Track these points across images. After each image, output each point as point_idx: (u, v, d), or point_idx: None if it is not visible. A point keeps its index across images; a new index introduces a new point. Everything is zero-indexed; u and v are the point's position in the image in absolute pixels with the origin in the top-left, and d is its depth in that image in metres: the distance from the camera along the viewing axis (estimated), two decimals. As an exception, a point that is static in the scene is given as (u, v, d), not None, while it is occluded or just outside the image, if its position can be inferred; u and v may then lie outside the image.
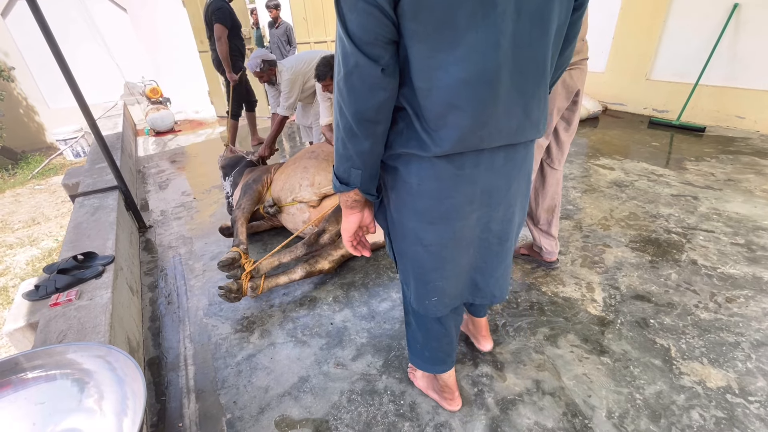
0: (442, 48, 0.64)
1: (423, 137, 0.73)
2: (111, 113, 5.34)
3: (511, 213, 0.91)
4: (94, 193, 2.49)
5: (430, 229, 0.86)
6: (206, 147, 4.81)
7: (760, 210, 2.33)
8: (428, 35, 0.63)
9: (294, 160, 2.40)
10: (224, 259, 1.82)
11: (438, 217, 0.84)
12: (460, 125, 0.70)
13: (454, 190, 0.80)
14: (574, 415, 1.25)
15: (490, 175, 0.81)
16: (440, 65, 0.65)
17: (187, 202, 3.11)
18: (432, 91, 0.68)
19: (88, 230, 2.02)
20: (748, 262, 1.89)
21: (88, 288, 1.54)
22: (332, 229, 1.95)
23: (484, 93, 0.68)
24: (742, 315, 1.58)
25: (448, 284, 0.95)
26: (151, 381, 1.51)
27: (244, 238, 2.04)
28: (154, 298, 2.00)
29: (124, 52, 6.03)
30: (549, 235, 1.84)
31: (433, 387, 1.31)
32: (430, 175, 0.78)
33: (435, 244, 0.88)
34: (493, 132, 0.74)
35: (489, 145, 0.76)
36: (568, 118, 1.52)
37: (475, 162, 0.77)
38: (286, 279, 1.89)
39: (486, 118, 0.71)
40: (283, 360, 1.54)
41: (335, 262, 1.97)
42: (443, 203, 0.82)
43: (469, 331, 1.52)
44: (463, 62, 0.65)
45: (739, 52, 3.63)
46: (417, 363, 1.22)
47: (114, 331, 1.34)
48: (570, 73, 1.40)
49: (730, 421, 1.19)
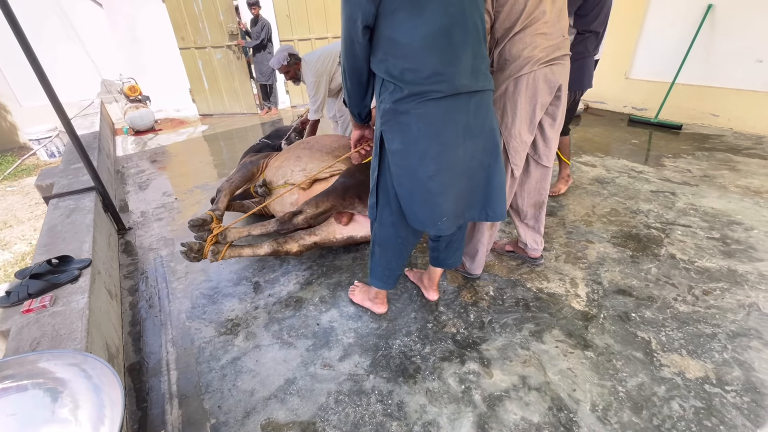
0: (414, 14, 1.00)
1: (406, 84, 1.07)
2: (87, 111, 5.16)
3: (492, 144, 1.21)
4: (69, 195, 2.40)
5: (431, 163, 1.14)
6: (188, 146, 4.70)
7: (734, 205, 2.41)
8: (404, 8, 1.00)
9: (289, 149, 2.41)
10: (195, 218, 1.80)
11: (436, 152, 1.13)
12: (433, 60, 1.04)
13: (443, 129, 1.11)
14: (559, 409, 1.26)
15: (466, 116, 1.12)
16: (414, 25, 1.01)
17: (168, 203, 3.04)
18: (412, 43, 1.02)
19: (63, 233, 1.95)
20: (723, 256, 1.95)
21: (63, 293, 1.48)
22: (309, 212, 1.91)
23: (444, 40, 1.03)
24: (718, 307, 1.63)
25: (452, 206, 1.23)
26: (131, 387, 1.47)
27: (223, 206, 2.06)
28: (134, 301, 1.95)
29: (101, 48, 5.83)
30: (535, 231, 1.85)
31: (368, 297, 1.72)
32: (424, 121, 1.09)
33: (438, 173, 1.15)
34: (455, 71, 1.06)
35: (458, 88, 1.07)
36: (552, 114, 1.53)
37: (454, 107, 1.09)
38: (251, 252, 1.87)
39: (449, 57, 1.04)
40: (268, 362, 1.52)
41: (305, 247, 1.95)
42: (437, 140, 1.11)
43: (422, 283, 1.80)
44: (427, 22, 1.01)
45: (713, 51, 3.75)
46: (378, 284, 1.56)
47: (91, 337, 1.29)
48: (551, 68, 1.40)
49: (708, 410, 1.23)
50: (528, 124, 1.47)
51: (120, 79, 5.73)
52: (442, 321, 1.66)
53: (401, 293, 1.84)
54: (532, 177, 1.70)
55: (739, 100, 3.68)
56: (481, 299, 1.77)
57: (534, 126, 1.49)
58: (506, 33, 1.36)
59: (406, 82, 1.07)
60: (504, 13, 1.33)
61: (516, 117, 1.45)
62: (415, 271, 1.90)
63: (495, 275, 1.92)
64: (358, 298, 1.78)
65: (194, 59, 5.93)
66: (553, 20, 1.37)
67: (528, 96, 1.42)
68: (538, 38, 1.35)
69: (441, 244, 1.54)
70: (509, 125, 1.47)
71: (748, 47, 3.51)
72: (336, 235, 2.05)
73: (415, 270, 1.92)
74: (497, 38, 1.40)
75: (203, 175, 3.59)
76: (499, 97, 1.45)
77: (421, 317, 1.68)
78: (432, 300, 1.76)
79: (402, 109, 1.10)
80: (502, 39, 1.38)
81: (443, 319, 1.67)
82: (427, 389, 1.36)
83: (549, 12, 1.34)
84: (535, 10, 1.32)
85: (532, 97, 1.42)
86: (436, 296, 1.76)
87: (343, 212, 2.03)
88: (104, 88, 5.86)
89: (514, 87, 1.41)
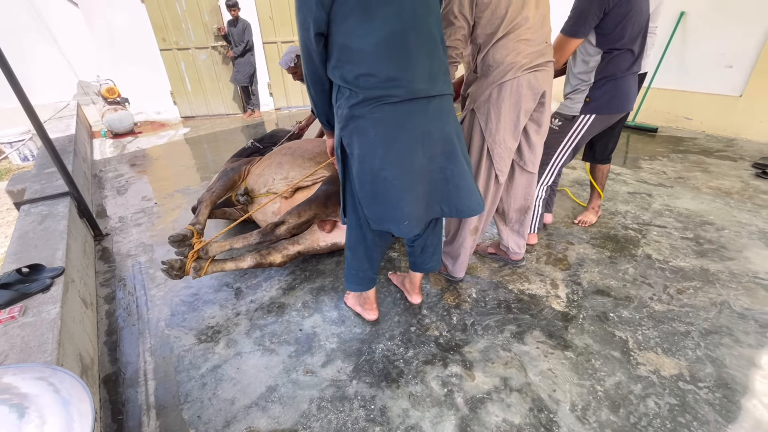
0: (365, 20, 1.00)
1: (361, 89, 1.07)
2: (63, 114, 5.01)
3: (451, 147, 1.21)
4: (42, 200, 2.33)
5: (390, 167, 1.15)
6: (169, 149, 4.61)
7: (706, 206, 2.49)
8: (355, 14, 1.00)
9: (271, 155, 2.38)
10: (175, 234, 1.77)
11: (394, 156, 1.14)
12: (387, 65, 1.04)
13: (400, 133, 1.12)
14: (540, 410, 1.28)
15: (424, 121, 1.13)
16: (366, 31, 1.01)
17: (147, 208, 2.97)
18: (364, 48, 1.02)
19: (34, 240, 1.88)
20: (696, 255, 2.01)
21: (33, 303, 1.43)
22: (292, 222, 1.90)
23: (398, 45, 1.04)
24: (691, 305, 1.68)
25: (413, 209, 1.24)
26: (106, 399, 1.42)
27: (204, 219, 2.01)
28: (111, 310, 1.89)
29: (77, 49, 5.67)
30: (518, 235, 1.87)
31: (359, 302, 1.71)
32: (381, 126, 1.10)
33: (397, 177, 1.17)
34: (411, 76, 1.07)
35: (415, 92, 1.08)
36: (537, 120, 1.54)
37: (411, 112, 1.10)
38: (233, 266, 1.85)
39: (404, 62, 1.05)
40: (250, 370, 1.50)
41: (288, 257, 1.94)
42: (395, 145, 1.13)
43: (404, 287, 1.81)
44: (378, 29, 1.01)
45: (686, 57, 3.88)
46: (352, 287, 1.58)
47: (63, 348, 1.25)
48: (535, 74, 1.41)
49: (682, 407, 1.26)
50: (512, 130, 1.48)
51: (97, 81, 5.59)
52: (425, 324, 1.66)
53: (385, 297, 1.84)
54: (518, 183, 1.72)
55: (711, 104, 3.82)
56: (463, 302, 1.78)
57: (518, 132, 1.50)
58: (489, 39, 1.37)
59: (361, 88, 1.07)
60: (485, 19, 1.34)
61: (500, 123, 1.45)
62: (399, 274, 1.91)
63: (477, 277, 1.94)
64: (351, 302, 1.78)
65: (176, 60, 5.84)
66: (536, 26, 1.38)
67: (512, 102, 1.43)
68: (521, 44, 1.36)
69: (416, 249, 1.55)
70: (493, 131, 1.47)
71: (719, 53, 3.65)
72: (320, 242, 2.04)
73: (398, 273, 1.92)
74: (479, 44, 1.41)
75: (184, 179, 3.52)
76: (483, 103, 1.46)
77: (405, 321, 1.68)
78: (415, 303, 1.77)
79: (358, 113, 1.11)
80: (485, 45, 1.39)
81: (426, 322, 1.67)
82: (410, 393, 1.36)
83: (532, 18, 1.35)
84: (518, 16, 1.33)
85: (516, 103, 1.43)
86: (419, 299, 1.77)
87: (326, 220, 2.02)
88: (81, 89, 5.71)
89: (498, 93, 1.42)
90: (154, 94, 6.12)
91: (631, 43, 1.64)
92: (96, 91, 5.55)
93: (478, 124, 1.50)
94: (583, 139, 1.83)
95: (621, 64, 1.68)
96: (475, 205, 1.33)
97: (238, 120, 5.92)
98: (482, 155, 1.54)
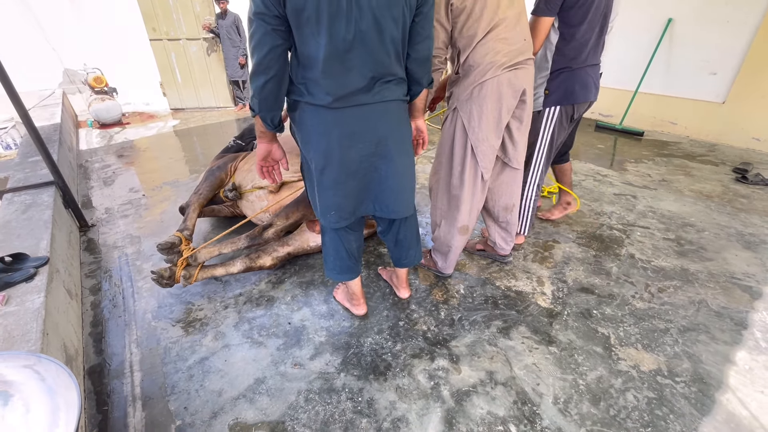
0: (313, 34, 1.02)
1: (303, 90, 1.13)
2: (48, 102, 4.89)
3: (385, 150, 1.24)
4: (25, 189, 2.28)
5: (322, 158, 1.21)
6: (158, 141, 4.54)
7: (688, 208, 2.56)
8: (304, 26, 1.01)
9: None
10: (163, 242, 1.81)
11: (326, 148, 1.19)
12: (327, 83, 1.09)
13: (332, 128, 1.16)
14: (523, 403, 1.31)
15: (357, 121, 1.17)
16: (317, 44, 1.04)
17: (135, 199, 2.92)
18: (316, 58, 1.05)
19: (18, 229, 1.84)
20: (677, 255, 2.07)
21: (17, 292, 1.41)
22: (280, 224, 1.92)
23: (338, 66, 1.07)
24: (671, 304, 1.73)
25: (342, 201, 1.30)
26: (91, 390, 1.41)
27: (192, 224, 2.02)
28: (96, 301, 1.87)
29: (63, 36, 5.53)
30: (505, 231, 1.90)
31: (347, 297, 1.73)
32: (316, 119, 1.16)
33: (327, 168, 1.22)
34: (350, 92, 1.11)
35: (349, 102, 1.13)
36: (519, 117, 1.57)
37: (341, 114, 1.14)
38: (224, 271, 1.86)
39: (342, 81, 1.09)
40: (238, 362, 1.50)
41: (278, 259, 1.95)
42: (327, 137, 1.18)
43: (392, 282, 1.83)
44: (324, 46, 1.03)
45: (673, 63, 3.97)
46: (331, 274, 1.55)
47: (47, 338, 1.24)
48: (515, 72, 1.44)
49: (660, 400, 1.31)
50: (495, 128, 1.51)
51: (84, 69, 5.46)
52: (413, 319, 1.68)
53: (374, 292, 1.85)
54: (503, 180, 1.75)
55: (695, 110, 3.91)
56: (451, 297, 1.80)
57: (501, 129, 1.53)
58: (469, 41, 1.40)
59: (299, 91, 1.14)
60: (461, 23, 1.38)
61: (482, 121, 1.48)
62: (388, 269, 1.92)
63: (466, 274, 1.96)
64: (339, 296, 1.79)
65: (166, 51, 5.73)
66: (512, 24, 1.40)
67: (493, 100, 1.45)
68: (500, 44, 1.39)
69: (389, 243, 1.58)
70: (476, 129, 1.50)
71: (704, 60, 3.74)
72: (310, 243, 2.04)
73: (387, 268, 1.94)
74: (460, 47, 1.44)
75: (173, 172, 3.48)
76: (464, 102, 1.49)
77: (393, 315, 1.70)
78: (403, 298, 1.79)
79: (300, 102, 1.17)
80: (465, 48, 1.42)
81: (414, 316, 1.69)
82: (397, 386, 1.38)
83: (509, 17, 1.38)
84: (494, 16, 1.36)
85: (497, 100, 1.46)
86: (407, 294, 1.79)
87: (314, 220, 2.02)
88: (67, 78, 5.57)
89: (479, 91, 1.45)
90: (142, 85, 6.01)
91: (589, 32, 1.66)
92: (83, 80, 5.42)
93: (461, 122, 1.52)
94: (556, 133, 1.83)
95: (577, 56, 1.69)
96: (404, 208, 1.39)
97: (228, 113, 5.85)
98: (466, 153, 1.56)
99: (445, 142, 1.62)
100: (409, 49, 1.17)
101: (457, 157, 1.58)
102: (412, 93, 1.28)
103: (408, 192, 1.39)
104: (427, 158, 3.59)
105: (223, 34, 5.42)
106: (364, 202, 1.35)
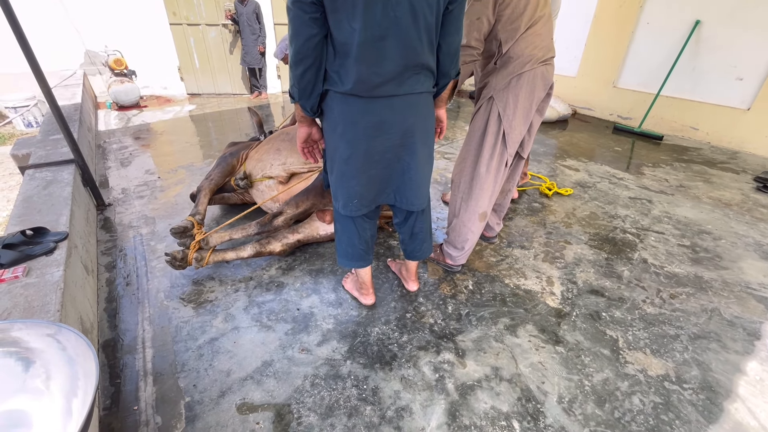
0: (348, 20, 1.02)
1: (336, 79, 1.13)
2: (69, 82, 4.97)
3: (410, 141, 1.25)
4: (47, 166, 2.33)
5: (347, 146, 1.22)
6: (174, 125, 4.59)
7: (705, 215, 2.51)
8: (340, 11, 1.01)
9: (269, 140, 2.40)
10: (176, 226, 1.86)
11: (352, 137, 1.20)
12: (359, 68, 1.08)
13: (361, 117, 1.17)
14: (528, 400, 1.31)
15: (386, 111, 1.17)
16: (352, 30, 1.03)
17: (150, 181, 2.97)
18: (345, 45, 1.06)
19: (39, 204, 1.89)
20: (691, 263, 2.04)
21: (37, 265, 1.45)
22: (290, 212, 1.94)
23: (373, 52, 1.06)
24: (683, 310, 1.71)
25: (363, 190, 1.32)
26: (105, 364, 1.45)
27: (203, 209, 2.06)
28: (111, 278, 1.91)
29: (86, 17, 5.60)
30: (496, 214, 2.02)
31: (356, 286, 1.75)
32: (345, 108, 1.17)
33: (352, 157, 1.24)
34: (381, 80, 1.10)
35: (380, 93, 1.12)
36: (541, 109, 1.66)
37: (371, 103, 1.15)
38: (234, 255, 1.89)
39: (376, 68, 1.09)
40: (246, 344, 1.52)
41: (288, 246, 1.97)
42: (354, 126, 1.18)
43: (402, 274, 1.84)
44: (360, 32, 1.02)
45: (698, 66, 3.86)
46: (343, 261, 1.55)
47: (65, 310, 1.27)
48: (547, 67, 1.54)
49: (666, 405, 1.30)
50: (524, 118, 1.58)
51: (105, 51, 5.53)
52: (420, 311, 1.69)
53: (383, 283, 1.86)
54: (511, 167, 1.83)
55: (718, 116, 3.82)
56: (459, 292, 1.80)
57: (529, 119, 1.60)
58: (512, 34, 1.46)
59: (332, 79, 1.14)
60: (506, 16, 1.44)
61: (517, 110, 1.55)
62: (397, 261, 1.93)
63: (474, 270, 1.96)
64: (348, 286, 1.81)
65: (185, 36, 5.77)
66: (545, 22, 1.50)
67: (528, 91, 1.53)
68: (537, 38, 1.48)
69: (404, 236, 1.58)
70: (510, 117, 1.55)
71: (731, 64, 3.64)
72: (320, 231, 2.06)
73: (397, 261, 1.94)
74: (501, 39, 1.49)
75: (188, 156, 3.52)
76: (501, 91, 1.54)
77: (401, 307, 1.71)
78: (412, 291, 1.79)
79: (327, 93, 1.18)
80: (509, 39, 1.48)
81: (422, 309, 1.70)
82: (402, 376, 1.39)
83: (545, 15, 1.48)
84: (534, 13, 1.44)
85: (531, 92, 1.53)
86: (415, 287, 1.79)
87: (324, 210, 2.04)
88: (88, 59, 5.65)
89: (517, 82, 1.51)
90: (161, 69, 6.06)
91: None
92: (103, 62, 5.49)
93: (496, 111, 1.57)
94: None
95: None
96: (421, 200, 1.41)
97: (244, 100, 5.88)
98: (497, 140, 1.61)
99: (476, 131, 1.66)
100: (441, 40, 1.16)
101: (487, 145, 1.62)
102: (439, 85, 1.28)
103: (426, 185, 1.41)
104: (440, 153, 3.57)
105: (243, 21, 5.43)
106: (384, 191, 1.37)
